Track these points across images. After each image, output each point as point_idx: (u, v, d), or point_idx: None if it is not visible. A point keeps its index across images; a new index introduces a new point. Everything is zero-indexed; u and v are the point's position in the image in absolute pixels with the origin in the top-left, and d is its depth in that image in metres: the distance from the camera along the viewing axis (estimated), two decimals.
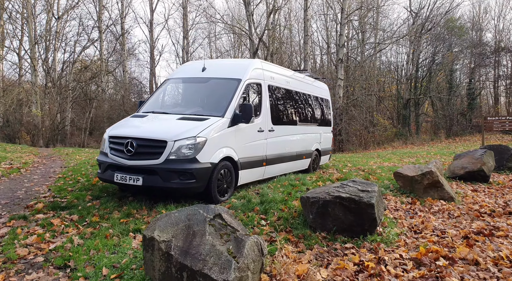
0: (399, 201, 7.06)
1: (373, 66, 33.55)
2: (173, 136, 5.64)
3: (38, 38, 28.47)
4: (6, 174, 7.96)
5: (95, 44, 31.32)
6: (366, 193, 5.09)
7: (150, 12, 31.15)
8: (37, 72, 29.30)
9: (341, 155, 19.56)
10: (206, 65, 7.40)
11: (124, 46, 31.26)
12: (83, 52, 33.08)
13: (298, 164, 9.17)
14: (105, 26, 31.04)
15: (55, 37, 30.70)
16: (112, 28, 32.19)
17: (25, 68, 31.68)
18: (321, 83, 11.16)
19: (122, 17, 30.81)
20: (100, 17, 29.44)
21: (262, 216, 5.48)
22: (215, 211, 3.79)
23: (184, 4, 30.25)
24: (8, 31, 29.67)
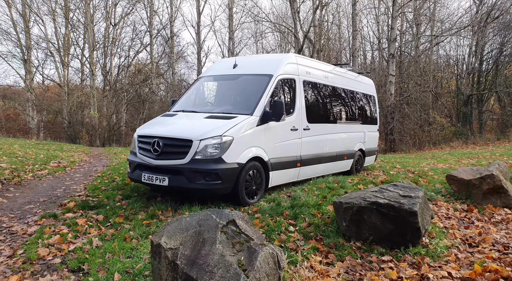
0: (452, 208, 6.26)
1: (429, 60, 31.46)
2: (198, 135, 5.38)
3: (96, 45, 30.02)
4: (52, 172, 8.22)
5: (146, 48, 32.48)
6: (408, 199, 4.46)
7: (197, 14, 31.66)
8: (95, 76, 30.95)
9: (391, 156, 18.41)
10: (237, 61, 7.08)
11: (173, 49, 32.04)
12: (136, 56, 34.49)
13: (339, 165, 8.56)
14: (156, 31, 32.07)
15: (112, 43, 32.24)
16: (162, 32, 33.16)
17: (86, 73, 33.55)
18: (365, 78, 10.42)
19: (171, 21, 31.59)
20: (151, 22, 30.41)
21: (291, 222, 5.03)
22: (229, 216, 3.43)
23: (230, 5, 30.34)
24: (72, 39, 31.63)
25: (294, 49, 28.84)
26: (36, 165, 8.70)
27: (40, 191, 6.55)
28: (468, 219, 5.74)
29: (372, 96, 10.39)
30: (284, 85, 6.80)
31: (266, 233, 4.57)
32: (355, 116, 9.35)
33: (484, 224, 5.55)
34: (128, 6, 32.03)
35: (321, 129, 7.69)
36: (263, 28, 32.22)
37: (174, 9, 31.61)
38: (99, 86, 34.79)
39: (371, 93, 10.30)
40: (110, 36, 31.87)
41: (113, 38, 32.38)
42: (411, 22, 32.37)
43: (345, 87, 8.91)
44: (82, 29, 30.91)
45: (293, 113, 6.85)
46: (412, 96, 28.05)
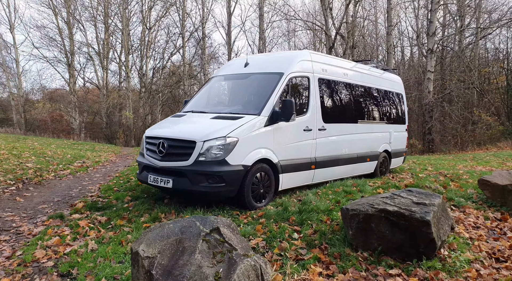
0: (483, 216, 5.65)
1: (474, 55, 29.59)
2: (202, 136, 5.19)
3: (130, 48, 30.91)
4: (73, 172, 8.39)
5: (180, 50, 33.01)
6: (422, 206, 4.01)
7: (227, 15, 31.71)
8: (129, 78, 31.85)
9: (427, 157, 17.43)
10: (249, 60, 6.83)
11: (204, 50, 32.32)
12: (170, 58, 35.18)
13: (360, 167, 8.08)
14: (189, 33, 32.49)
15: (147, 46, 33.07)
16: (195, 34, 33.54)
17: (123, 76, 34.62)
18: (392, 76, 9.81)
19: (203, 22, 31.87)
20: (183, 24, 30.83)
21: (296, 228, 4.71)
22: (213, 224, 3.18)
23: (261, 5, 30.14)
24: (111, 44, 32.80)
25: (325, 47, 28.17)
26: (60, 165, 8.93)
27: (57, 191, 6.68)
28: (499, 230, 5.14)
29: (400, 94, 9.77)
30: (297, 84, 6.47)
31: (267, 240, 4.29)
32: (380, 116, 8.81)
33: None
34: (162, 9, 32.76)
35: (339, 130, 7.27)
36: (295, 26, 31.75)
37: (205, 10, 31.87)
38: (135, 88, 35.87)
39: (398, 91, 9.69)
40: (145, 39, 32.72)
41: (148, 41, 33.21)
42: (454, 15, 30.61)
43: (368, 84, 8.41)
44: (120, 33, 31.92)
45: (307, 112, 6.50)
46: (453, 94, 26.50)
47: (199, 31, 32.18)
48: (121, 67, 33.46)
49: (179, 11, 31.22)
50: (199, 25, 31.68)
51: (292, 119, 5.87)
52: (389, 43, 26.79)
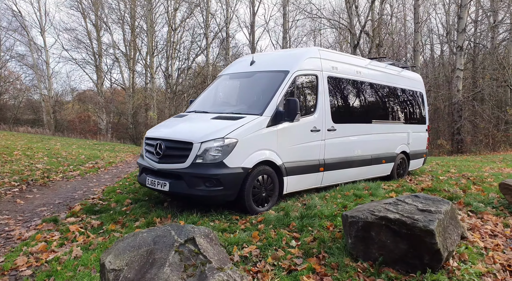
0: (502, 224, 5.24)
1: (508, 52, 28.17)
2: (199, 138, 5.04)
3: (154, 49, 31.37)
4: (82, 173, 8.43)
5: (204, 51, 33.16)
6: (426, 214, 3.71)
7: (251, 15, 31.62)
8: (154, 79, 32.34)
9: (454, 158, 16.68)
10: (255, 58, 6.64)
11: (228, 50, 32.36)
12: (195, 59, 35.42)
13: (375, 169, 7.74)
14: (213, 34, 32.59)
15: (172, 47, 33.47)
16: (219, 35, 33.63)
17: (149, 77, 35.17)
18: (411, 73, 9.36)
19: (227, 23, 31.93)
20: (207, 25, 30.99)
21: (295, 235, 4.49)
22: (189, 234, 3.02)
23: (284, 3, 29.86)
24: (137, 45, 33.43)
25: (350, 46, 27.56)
26: (71, 166, 8.99)
27: (61, 192, 6.65)
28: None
29: (419, 93, 9.31)
30: (304, 82, 6.23)
31: (262, 247, 4.10)
32: (397, 115, 8.42)
33: None
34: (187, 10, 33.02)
35: (351, 130, 6.98)
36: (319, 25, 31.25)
37: (229, 10, 31.91)
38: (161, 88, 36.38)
39: (417, 90, 9.24)
40: (171, 40, 33.11)
41: (173, 42, 33.59)
42: (487, 10, 29.24)
43: (383, 83, 8.04)
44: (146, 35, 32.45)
45: (315, 112, 6.25)
46: (484, 92, 25.31)
47: (223, 31, 32.27)
48: (147, 68, 34.02)
49: (203, 12, 31.39)
50: (223, 25, 31.76)
51: (296, 119, 5.65)
52: (416, 41, 25.92)
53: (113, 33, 40.82)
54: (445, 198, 6.32)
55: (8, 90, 39.21)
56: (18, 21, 34.43)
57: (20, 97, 38.94)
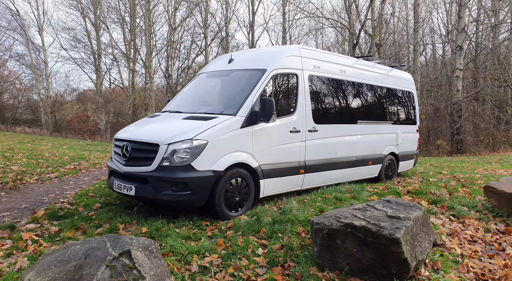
0: (484, 228, 5.03)
1: (509, 52, 27.83)
2: (166, 139, 4.83)
3: (152, 49, 31.24)
4: (60, 175, 8.21)
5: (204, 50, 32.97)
6: (394, 221, 3.52)
7: (251, 14, 31.41)
8: (152, 79, 32.20)
9: (451, 159, 16.44)
10: (234, 56, 6.45)
11: (227, 50, 32.18)
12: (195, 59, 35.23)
13: (361, 171, 7.53)
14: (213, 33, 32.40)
15: (171, 46, 33.31)
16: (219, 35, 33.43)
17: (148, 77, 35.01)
18: (401, 73, 9.14)
19: (226, 22, 31.76)
20: (206, 24, 30.82)
21: (264, 242, 4.30)
22: (125, 246, 2.81)
23: (284, 2, 29.66)
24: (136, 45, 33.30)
25: (349, 45, 27.31)
26: (50, 168, 8.79)
27: (30, 196, 6.38)
28: (498, 245, 4.53)
29: (410, 93, 9.09)
30: (282, 81, 6.04)
31: (225, 256, 3.90)
32: (385, 116, 8.21)
33: None
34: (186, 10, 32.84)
35: (334, 131, 6.78)
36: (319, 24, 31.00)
37: (229, 10, 31.75)
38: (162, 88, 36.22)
39: (407, 89, 9.02)
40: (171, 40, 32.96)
41: (173, 42, 33.44)
42: (488, 10, 28.89)
43: (370, 82, 7.83)
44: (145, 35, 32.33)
45: (294, 112, 6.06)
46: (484, 92, 24.97)
47: (223, 31, 32.10)
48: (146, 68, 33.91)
49: (202, 12, 31.22)
50: (223, 25, 31.58)
51: (272, 120, 5.44)
52: (415, 41, 25.64)
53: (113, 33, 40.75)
54: (429, 201, 6.13)
55: (8, 89, 39.35)
56: (16, 19, 34.38)
57: (19, 96, 39.05)
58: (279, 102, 5.95)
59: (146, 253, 2.79)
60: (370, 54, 26.41)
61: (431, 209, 5.69)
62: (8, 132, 27.97)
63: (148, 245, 2.87)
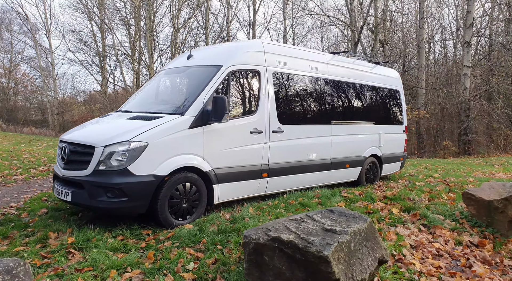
0: (454, 241, 4.52)
1: None
2: (102, 141, 4.46)
3: (153, 50, 31.14)
4: (28, 177, 7.91)
5: None
6: (329, 235, 3.06)
7: (252, 13, 31.04)
8: None
9: (452, 160, 15.76)
10: (194, 52, 6.05)
11: None
12: None
13: (337, 175, 7.04)
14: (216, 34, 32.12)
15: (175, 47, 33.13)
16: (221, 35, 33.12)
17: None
18: (386, 70, 8.62)
19: (227, 21, 31.47)
20: (207, 25, 30.57)
21: (199, 255, 3.88)
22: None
23: (285, 1, 29.20)
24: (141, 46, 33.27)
25: (350, 44, 26.67)
26: (20, 169, 8.52)
27: None
28: (466, 260, 4.02)
29: (395, 91, 8.54)
30: (241, 78, 5.60)
31: (149, 271, 3.49)
32: (365, 115, 7.69)
33: (487, 269, 3.80)
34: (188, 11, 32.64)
35: (303, 132, 6.31)
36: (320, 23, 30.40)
37: (230, 10, 31.44)
38: None
39: (393, 87, 8.48)
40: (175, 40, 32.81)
41: (176, 43, 33.28)
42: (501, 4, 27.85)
43: (348, 80, 7.34)
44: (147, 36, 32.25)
45: (255, 112, 5.63)
46: (493, 90, 24.03)
47: (224, 32, 31.80)
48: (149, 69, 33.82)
49: (202, 12, 30.97)
50: (225, 25, 31.28)
51: (224, 120, 5.00)
52: (420, 38, 24.90)
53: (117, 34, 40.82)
54: (402, 208, 5.62)
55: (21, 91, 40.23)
56: (24, 23, 34.84)
57: (31, 98, 39.81)
58: (237, 101, 5.53)
59: (6, 279, 2.39)
60: (374, 52, 25.79)
61: (401, 217, 5.19)
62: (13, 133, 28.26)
63: (13, 268, 2.46)
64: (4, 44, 41.24)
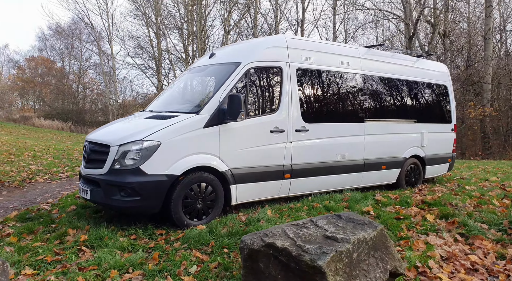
0: (496, 254, 3.95)
1: None
2: (117, 140, 4.49)
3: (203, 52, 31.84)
4: (72, 175, 8.24)
5: None
6: (328, 243, 2.77)
7: (301, 11, 30.57)
8: None
9: None
10: (218, 50, 5.96)
11: None
12: None
13: (372, 176, 6.56)
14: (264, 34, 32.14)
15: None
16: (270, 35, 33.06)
17: None
18: (432, 64, 7.91)
19: (276, 21, 31.32)
20: (255, 25, 30.67)
21: (204, 258, 3.75)
22: None
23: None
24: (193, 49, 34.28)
25: (405, 38, 25.23)
26: (67, 167, 8.98)
27: (27, 195, 6.41)
28: (506, 277, 3.47)
29: (442, 86, 7.80)
30: (261, 76, 5.38)
31: (150, 273, 3.42)
32: (405, 113, 7.10)
33: None
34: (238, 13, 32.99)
35: (331, 131, 5.95)
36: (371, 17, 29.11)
37: (279, 9, 31.26)
38: None
39: (439, 82, 7.75)
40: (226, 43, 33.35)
41: (226, 44, 33.78)
42: None
43: (385, 75, 6.82)
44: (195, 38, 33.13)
45: (277, 110, 5.38)
46: None
47: (274, 32, 31.68)
48: None
49: (251, 13, 31.11)
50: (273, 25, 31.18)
51: (240, 118, 4.81)
52: (487, 28, 22.86)
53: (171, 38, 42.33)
54: (442, 214, 5.06)
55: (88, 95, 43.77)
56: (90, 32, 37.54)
57: (96, 101, 43.07)
58: (256, 99, 5.34)
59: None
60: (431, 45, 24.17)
61: (436, 224, 4.67)
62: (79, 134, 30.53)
63: None
64: (75, 52, 45.16)
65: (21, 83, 44.52)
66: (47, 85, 43.68)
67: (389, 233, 4.34)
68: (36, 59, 46.45)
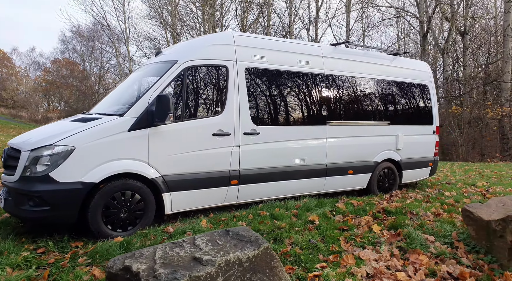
0: (427, 270, 3.51)
1: None
2: (29, 144, 4.22)
3: None
4: None
5: None
6: (190, 266, 2.46)
7: (315, 10, 29.98)
8: None
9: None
10: (167, 48, 5.71)
11: None
12: None
13: (337, 182, 6.12)
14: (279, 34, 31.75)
15: None
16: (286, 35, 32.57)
17: None
18: (409, 62, 7.37)
19: (290, 21, 30.86)
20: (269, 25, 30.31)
21: (101, 276, 3.47)
22: None
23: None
24: None
25: (419, 35, 24.23)
26: None
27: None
28: None
29: (422, 86, 7.24)
30: (202, 75, 5.05)
31: None
32: (376, 114, 6.62)
33: None
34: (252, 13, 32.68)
35: (287, 134, 5.56)
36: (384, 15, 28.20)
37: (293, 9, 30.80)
38: None
39: (418, 82, 7.19)
40: None
41: None
42: None
43: (353, 74, 6.35)
44: None
45: (222, 112, 5.06)
46: None
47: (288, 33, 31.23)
48: None
49: (263, 13, 30.78)
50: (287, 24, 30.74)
51: (168, 121, 4.46)
52: (506, 24, 21.65)
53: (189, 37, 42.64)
54: (390, 224, 4.61)
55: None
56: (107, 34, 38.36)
57: None
58: (195, 100, 5.04)
59: None
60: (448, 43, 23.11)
61: (379, 236, 4.24)
62: None
63: None
64: (95, 54, 46.31)
65: (46, 85, 46.02)
66: (70, 87, 44.92)
67: (321, 246, 3.96)
68: (60, 61, 47.92)
